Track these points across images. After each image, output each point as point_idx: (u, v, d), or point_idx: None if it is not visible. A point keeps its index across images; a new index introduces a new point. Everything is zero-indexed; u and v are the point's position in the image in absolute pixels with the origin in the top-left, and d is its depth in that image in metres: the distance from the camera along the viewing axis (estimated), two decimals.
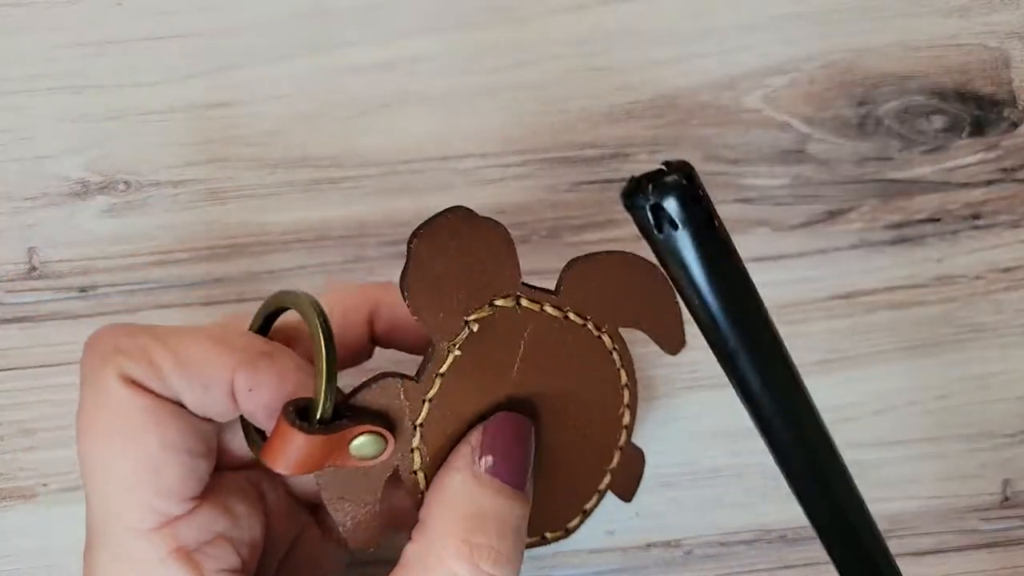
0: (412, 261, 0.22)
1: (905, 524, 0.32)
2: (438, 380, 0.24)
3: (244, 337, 0.24)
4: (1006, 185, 0.33)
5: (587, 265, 0.24)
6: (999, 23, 0.34)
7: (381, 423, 0.23)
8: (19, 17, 0.33)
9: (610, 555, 0.31)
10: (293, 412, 0.22)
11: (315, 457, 0.22)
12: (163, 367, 0.23)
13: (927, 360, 0.32)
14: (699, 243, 0.18)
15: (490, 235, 0.23)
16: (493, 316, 0.23)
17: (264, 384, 0.23)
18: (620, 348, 0.26)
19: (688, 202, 0.17)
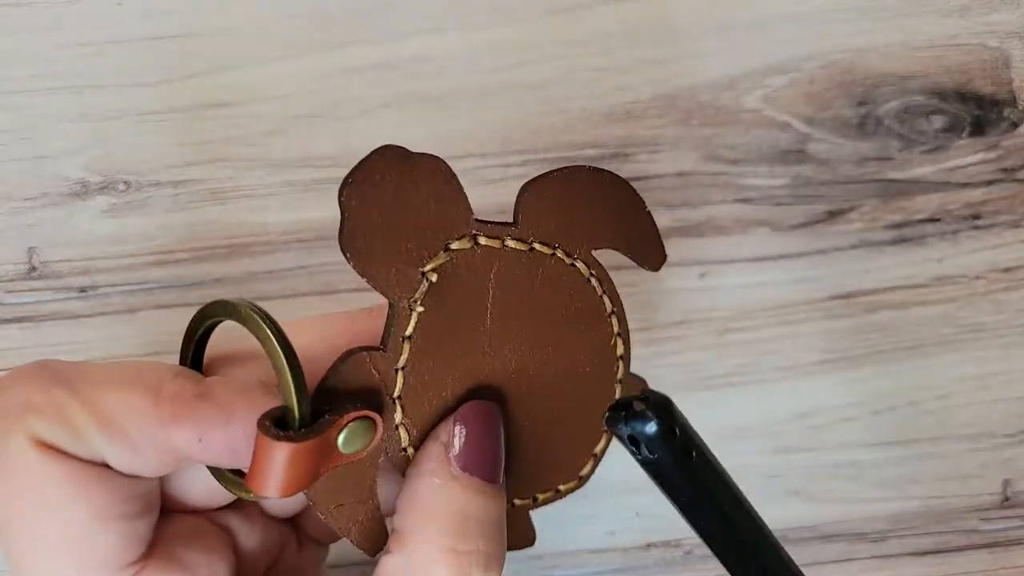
0: (346, 216, 0.20)
1: (905, 524, 0.32)
2: (406, 344, 0.21)
3: (174, 380, 0.21)
4: (1006, 185, 0.33)
5: (543, 186, 0.22)
6: (999, 23, 0.34)
7: (362, 404, 0.21)
8: (19, 17, 0.33)
9: (610, 555, 0.31)
10: (271, 425, 0.20)
11: (308, 467, 0.20)
12: (82, 428, 0.20)
13: (927, 360, 0.32)
14: (677, 469, 0.19)
15: (430, 172, 0.21)
16: (451, 262, 0.21)
17: (212, 428, 0.20)
18: (598, 273, 0.24)
19: (664, 437, 0.19)
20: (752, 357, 0.32)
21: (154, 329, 0.31)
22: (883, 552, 0.32)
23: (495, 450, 0.23)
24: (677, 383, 0.32)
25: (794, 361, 0.32)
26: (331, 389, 0.21)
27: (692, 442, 0.19)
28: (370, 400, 0.21)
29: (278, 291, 0.32)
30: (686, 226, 0.33)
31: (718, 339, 0.32)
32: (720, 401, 0.32)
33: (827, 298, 0.32)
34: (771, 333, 0.32)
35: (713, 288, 0.32)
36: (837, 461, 0.32)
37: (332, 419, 0.20)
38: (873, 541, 0.32)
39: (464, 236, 0.22)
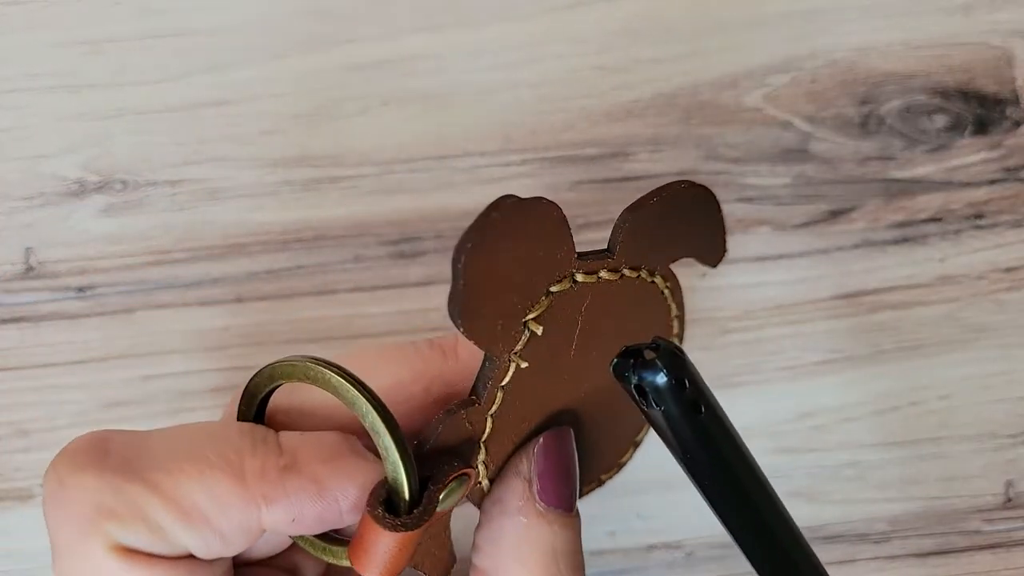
0: (462, 283, 0.18)
1: (907, 525, 0.32)
2: (500, 393, 0.21)
3: (255, 454, 0.19)
4: (1009, 184, 0.33)
5: (643, 215, 0.21)
6: (1002, 22, 0.34)
7: (459, 462, 0.20)
8: (16, 15, 0.32)
9: (611, 557, 0.31)
10: (384, 515, 0.19)
11: (415, 545, 0.19)
12: (167, 528, 0.18)
13: (929, 360, 0.32)
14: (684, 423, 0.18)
15: (542, 219, 0.19)
16: (551, 306, 0.20)
17: (305, 507, 0.19)
18: (671, 284, 0.23)
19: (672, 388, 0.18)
20: (753, 357, 0.32)
21: (152, 329, 0.31)
22: (885, 553, 0.32)
23: (571, 476, 0.23)
24: None
25: (796, 361, 0.32)
26: (428, 450, 0.20)
27: (702, 396, 0.19)
28: (463, 453, 0.21)
29: (276, 291, 0.32)
30: None
31: (719, 339, 0.32)
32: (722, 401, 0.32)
33: (829, 298, 0.32)
34: (772, 333, 0.32)
35: (714, 288, 0.32)
36: (839, 462, 0.32)
37: (436, 491, 0.20)
38: (875, 542, 0.32)
39: (564, 277, 0.20)
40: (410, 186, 0.32)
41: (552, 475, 0.22)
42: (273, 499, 0.19)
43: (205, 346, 0.31)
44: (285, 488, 0.19)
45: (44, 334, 0.31)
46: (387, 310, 0.32)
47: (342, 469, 0.19)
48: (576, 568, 0.22)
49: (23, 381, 0.31)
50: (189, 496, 0.18)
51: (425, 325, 0.32)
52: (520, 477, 0.22)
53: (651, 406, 0.18)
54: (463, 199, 0.32)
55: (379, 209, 0.32)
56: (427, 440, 0.20)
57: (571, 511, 0.22)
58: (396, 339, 0.32)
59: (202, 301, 0.31)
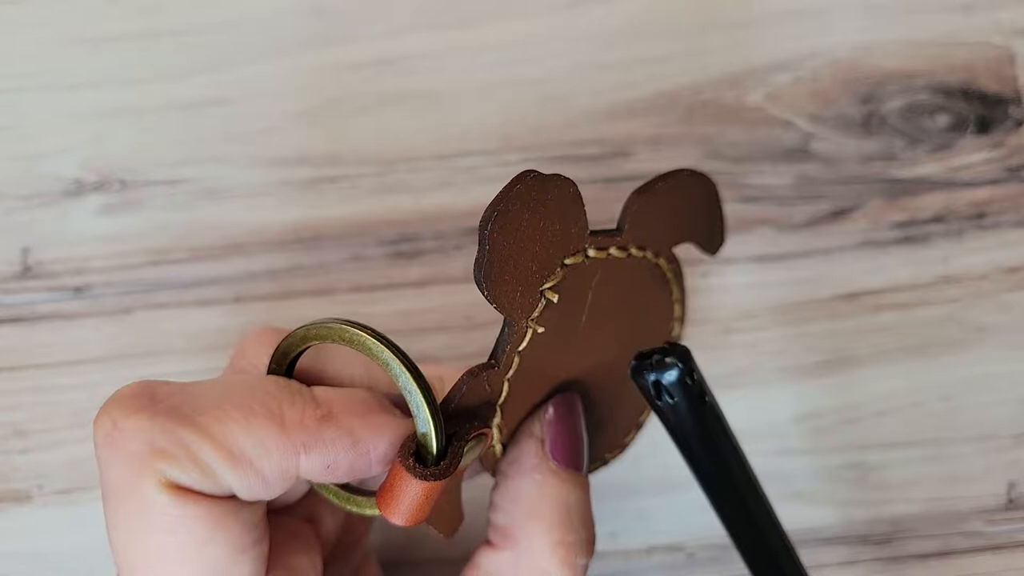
0: (488, 248, 0.19)
1: (909, 527, 0.32)
2: (517, 357, 0.22)
3: (294, 404, 0.21)
4: (1011, 184, 0.33)
5: (650, 196, 0.23)
6: (1004, 20, 0.34)
7: (479, 422, 0.22)
8: (13, 14, 0.32)
9: (612, 558, 0.31)
10: (415, 464, 0.20)
11: (438, 496, 0.21)
12: (215, 468, 0.20)
13: (931, 361, 0.32)
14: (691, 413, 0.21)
15: (560, 194, 0.21)
16: (565, 278, 0.22)
17: (340, 456, 0.20)
18: (674, 268, 0.25)
19: (683, 382, 0.21)
20: (755, 358, 0.32)
21: (150, 330, 0.31)
22: (886, 555, 0.31)
23: (581, 439, 0.24)
24: None
25: (797, 362, 0.32)
26: (452, 410, 0.21)
27: (704, 386, 0.22)
28: (482, 414, 0.22)
29: (275, 291, 0.32)
30: None
31: (720, 339, 0.32)
32: (723, 402, 0.31)
33: (830, 298, 0.32)
34: (774, 333, 0.32)
35: (715, 288, 0.32)
36: (840, 463, 0.32)
37: (460, 445, 0.21)
38: (876, 544, 0.31)
39: (578, 251, 0.22)
40: (410, 186, 0.32)
41: (563, 436, 0.24)
42: (311, 447, 0.20)
43: (203, 346, 0.31)
44: (323, 437, 0.20)
45: (41, 334, 0.31)
46: (386, 310, 0.32)
47: (374, 423, 0.21)
48: (587, 524, 0.24)
49: (20, 382, 0.31)
50: (236, 440, 0.20)
51: (424, 325, 0.32)
52: (534, 438, 0.23)
53: (666, 400, 0.21)
54: (463, 199, 0.32)
55: (378, 209, 0.32)
56: (451, 400, 0.21)
57: (581, 470, 0.24)
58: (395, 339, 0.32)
59: (200, 301, 0.31)
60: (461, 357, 0.32)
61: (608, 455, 0.27)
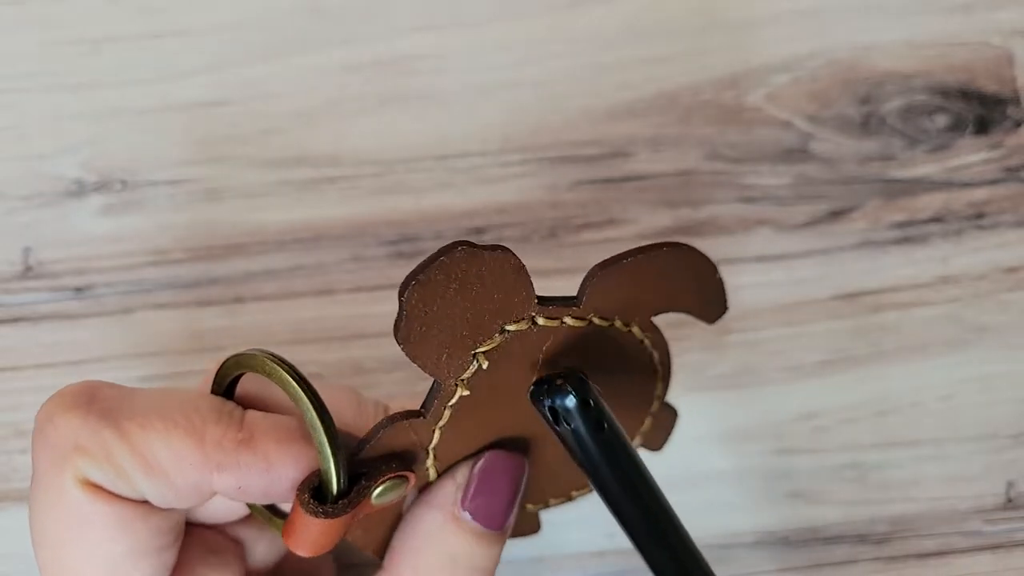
0: (404, 313, 0.20)
1: (908, 526, 0.32)
2: (448, 411, 0.22)
3: (218, 423, 0.21)
4: (1010, 184, 0.33)
5: (611, 272, 0.22)
6: (1003, 21, 0.34)
7: (398, 465, 0.22)
8: (14, 15, 0.32)
9: (611, 558, 0.31)
10: (311, 500, 0.21)
11: (340, 531, 0.21)
12: (129, 472, 0.21)
13: (930, 361, 0.32)
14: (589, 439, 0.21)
15: (495, 266, 0.20)
16: (505, 342, 0.21)
17: (252, 479, 0.21)
18: (652, 336, 0.24)
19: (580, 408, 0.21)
20: (754, 358, 0.32)
21: (150, 330, 0.31)
22: (886, 554, 0.31)
23: (509, 501, 0.24)
24: (680, 384, 0.31)
25: (797, 362, 0.32)
26: (368, 452, 0.22)
27: (604, 415, 0.22)
28: (403, 457, 0.22)
29: (275, 291, 0.32)
30: (688, 225, 0.32)
31: (720, 339, 0.32)
32: (723, 402, 0.32)
33: (830, 298, 0.32)
34: (774, 333, 0.32)
35: None
36: (840, 462, 0.32)
37: (366, 487, 0.21)
38: (876, 543, 0.31)
39: (523, 319, 0.21)
40: (410, 186, 0.32)
41: (484, 490, 0.23)
42: (225, 467, 0.21)
43: (204, 346, 0.31)
44: (238, 459, 0.21)
45: (43, 334, 0.31)
46: (386, 310, 0.32)
47: (291, 452, 0.21)
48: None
49: (22, 382, 0.31)
50: (153, 449, 0.21)
51: None
52: (453, 480, 0.23)
53: (562, 425, 0.21)
54: (463, 199, 0.32)
55: (378, 209, 0.32)
56: (366, 442, 0.22)
57: (496, 528, 0.24)
58: None
59: (201, 301, 0.31)
60: None
61: (552, 500, 0.27)
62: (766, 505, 0.31)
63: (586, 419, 0.21)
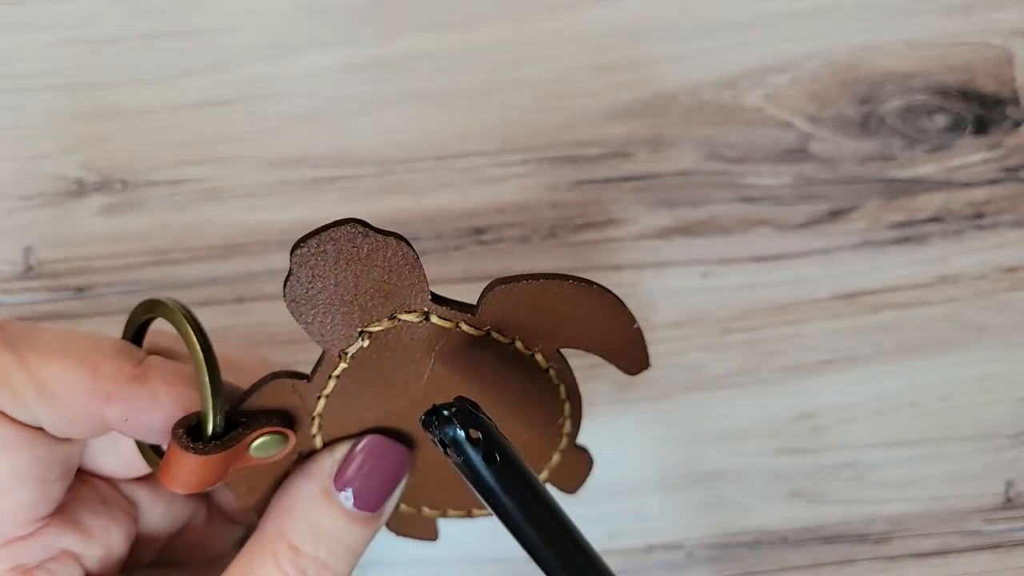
0: (292, 272, 0.21)
1: (907, 525, 0.32)
2: (332, 381, 0.23)
3: (115, 358, 0.23)
4: (1009, 184, 0.33)
5: (510, 289, 0.22)
6: (1002, 21, 0.34)
7: (279, 421, 0.23)
8: (14, 15, 0.32)
9: (611, 557, 0.31)
10: (184, 435, 0.22)
11: (216, 471, 0.22)
12: (23, 395, 0.22)
13: (929, 360, 0.32)
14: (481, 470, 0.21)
15: (387, 252, 0.21)
16: (395, 329, 0.22)
17: (139, 412, 0.22)
18: (558, 367, 0.24)
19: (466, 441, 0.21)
20: (754, 357, 0.32)
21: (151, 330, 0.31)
22: (885, 554, 0.32)
23: (385, 488, 0.24)
24: (679, 384, 0.32)
25: (796, 361, 0.32)
26: (249, 404, 0.23)
27: (497, 447, 0.21)
28: (285, 416, 0.23)
29: (275, 291, 0.32)
30: (687, 225, 0.32)
31: (720, 339, 0.32)
32: (722, 402, 0.32)
33: (829, 298, 0.32)
34: (773, 333, 0.32)
35: (715, 288, 0.32)
36: (839, 462, 0.32)
37: (243, 433, 0.22)
38: (875, 543, 0.31)
39: (415, 311, 0.22)
40: (410, 186, 0.32)
41: (362, 471, 0.24)
42: (114, 398, 0.22)
43: None
44: (128, 392, 0.22)
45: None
46: None
47: (179, 393, 0.22)
48: (339, 558, 0.24)
49: None
50: (48, 375, 0.22)
51: None
52: (331, 455, 0.24)
53: (454, 457, 0.21)
54: (463, 199, 0.32)
55: (379, 209, 0.32)
56: (249, 393, 0.22)
57: (368, 511, 0.24)
58: None
59: (202, 301, 0.31)
60: None
61: (452, 511, 0.27)
62: (765, 504, 0.31)
63: (474, 452, 0.21)
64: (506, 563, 0.31)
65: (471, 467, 0.21)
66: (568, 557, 0.22)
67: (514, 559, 0.31)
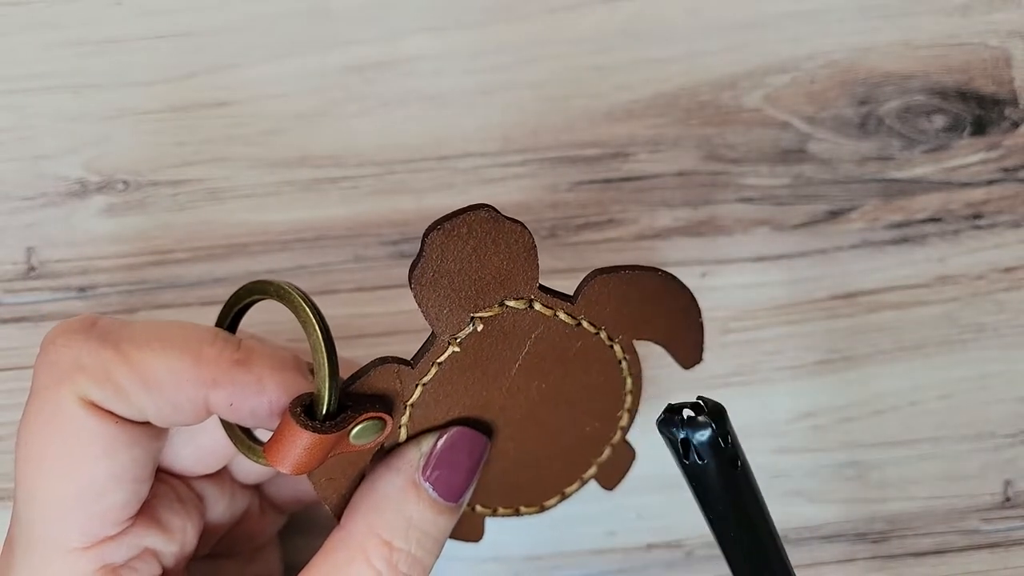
0: (424, 255, 0.21)
1: (906, 524, 0.32)
2: (434, 368, 0.23)
3: (214, 344, 0.23)
4: (1007, 185, 0.33)
5: (609, 279, 0.23)
6: (1000, 22, 0.34)
7: (380, 407, 0.23)
8: (17, 16, 0.33)
9: (611, 556, 0.31)
10: (301, 412, 0.22)
11: (322, 453, 0.22)
12: (128, 389, 0.22)
13: (928, 360, 0.32)
14: (720, 477, 0.20)
15: (512, 238, 0.22)
16: (501, 315, 0.23)
17: (244, 397, 0.22)
18: (631, 358, 0.26)
19: (716, 444, 0.20)
20: (753, 357, 0.32)
21: None
22: (884, 552, 0.32)
23: (466, 477, 0.25)
24: (678, 383, 0.32)
25: (795, 361, 0.32)
26: (356, 387, 0.23)
27: (738, 453, 0.20)
28: (386, 402, 0.23)
29: None
30: (687, 226, 0.33)
31: (719, 339, 0.32)
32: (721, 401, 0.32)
33: (828, 298, 0.32)
34: (772, 333, 0.32)
35: (714, 288, 0.32)
36: (838, 461, 0.32)
37: (352, 416, 0.22)
38: (874, 542, 0.32)
39: (522, 299, 0.23)
40: (410, 186, 0.32)
41: (448, 463, 0.24)
42: (220, 383, 0.22)
43: None
44: (232, 377, 0.22)
45: (45, 334, 0.31)
46: (388, 310, 0.32)
47: (284, 378, 0.22)
48: (427, 549, 0.24)
49: (24, 381, 0.31)
50: (151, 367, 0.22)
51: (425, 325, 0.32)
52: (418, 447, 0.24)
53: (694, 459, 0.20)
54: (463, 199, 0.32)
55: (380, 209, 0.32)
56: (358, 376, 0.23)
57: (452, 501, 0.25)
58: (397, 339, 0.32)
59: (203, 301, 0.32)
60: None
61: (524, 509, 0.28)
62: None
63: (720, 456, 0.20)
64: (506, 563, 0.31)
65: (708, 472, 0.20)
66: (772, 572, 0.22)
67: (514, 559, 0.31)
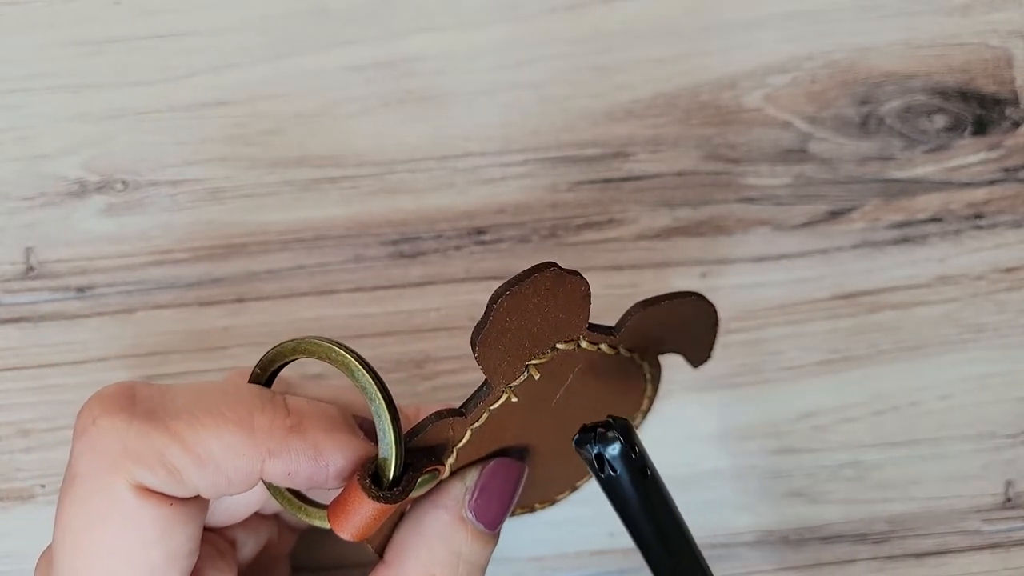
0: (491, 319, 0.21)
1: (906, 525, 0.32)
2: (487, 414, 0.23)
3: (264, 412, 0.22)
4: (1008, 185, 0.33)
5: (654, 311, 0.24)
6: (1001, 22, 0.34)
7: (435, 459, 0.23)
8: (16, 15, 0.32)
9: (611, 557, 0.31)
10: (371, 485, 0.22)
11: (385, 517, 0.22)
12: (182, 470, 0.21)
13: (929, 360, 0.32)
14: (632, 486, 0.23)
15: (571, 291, 0.22)
16: (553, 359, 0.23)
17: (301, 466, 0.22)
18: (655, 371, 0.27)
19: (625, 456, 0.22)
20: (754, 357, 0.32)
21: (152, 330, 0.31)
22: (884, 553, 0.32)
23: (507, 505, 0.25)
24: (679, 383, 0.32)
25: (796, 361, 0.32)
26: (414, 444, 0.23)
27: (647, 463, 0.23)
28: (439, 453, 0.24)
29: (277, 291, 0.32)
30: (687, 226, 0.32)
31: (720, 339, 0.32)
32: (722, 401, 0.32)
33: (829, 298, 0.32)
34: (773, 333, 0.32)
35: (714, 288, 0.32)
36: (839, 462, 0.32)
37: (414, 476, 0.22)
38: (875, 542, 0.32)
39: (572, 340, 0.23)
40: (410, 186, 0.32)
41: (490, 494, 0.25)
42: (277, 454, 0.21)
43: (206, 346, 0.31)
44: (289, 446, 0.21)
45: (44, 334, 0.31)
46: (387, 310, 0.32)
47: (338, 440, 0.22)
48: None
49: (23, 381, 0.31)
50: (206, 445, 0.21)
51: (425, 325, 0.32)
52: (463, 482, 0.24)
53: (608, 472, 0.22)
54: (463, 199, 0.32)
55: (379, 209, 0.32)
56: (415, 434, 0.23)
57: (492, 530, 0.25)
58: (396, 339, 0.32)
59: (203, 301, 0.31)
60: (461, 357, 0.32)
61: (538, 505, 0.29)
62: (765, 504, 0.32)
63: (631, 466, 0.22)
64: (507, 564, 0.31)
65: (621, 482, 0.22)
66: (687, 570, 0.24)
67: (515, 559, 0.31)
